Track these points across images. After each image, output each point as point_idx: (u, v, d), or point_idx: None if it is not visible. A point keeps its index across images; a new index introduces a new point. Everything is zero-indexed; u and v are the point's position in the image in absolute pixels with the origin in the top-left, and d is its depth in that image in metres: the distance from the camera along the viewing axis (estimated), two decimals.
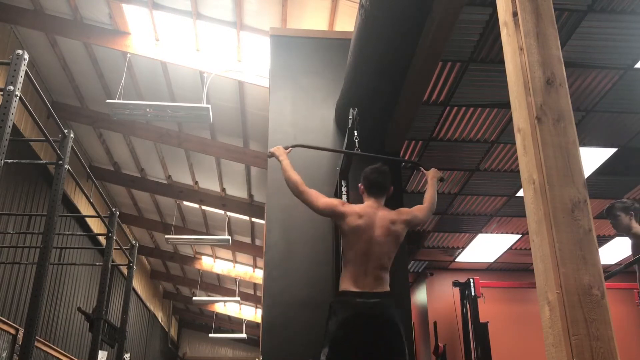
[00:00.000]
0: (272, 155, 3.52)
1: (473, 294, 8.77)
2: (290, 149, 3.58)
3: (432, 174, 3.56)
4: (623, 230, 4.42)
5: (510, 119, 5.79)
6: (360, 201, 3.27)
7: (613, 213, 4.38)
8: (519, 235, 9.23)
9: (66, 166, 4.06)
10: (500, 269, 10.77)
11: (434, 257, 10.36)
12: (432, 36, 4.13)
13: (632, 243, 4.42)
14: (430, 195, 3.38)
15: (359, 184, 3.29)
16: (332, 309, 3.00)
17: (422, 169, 3.76)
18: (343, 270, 3.10)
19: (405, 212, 3.18)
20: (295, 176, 3.22)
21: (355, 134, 3.81)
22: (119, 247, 6.22)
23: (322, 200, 3.17)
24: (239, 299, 14.49)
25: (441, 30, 4.08)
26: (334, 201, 3.22)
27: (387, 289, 3.00)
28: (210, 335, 17.85)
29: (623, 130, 6.27)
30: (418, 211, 3.24)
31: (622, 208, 4.34)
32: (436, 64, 4.70)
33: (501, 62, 3.33)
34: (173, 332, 20.15)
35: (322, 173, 5.11)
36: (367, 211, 3.09)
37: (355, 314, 2.90)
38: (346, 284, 2.99)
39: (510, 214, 8.44)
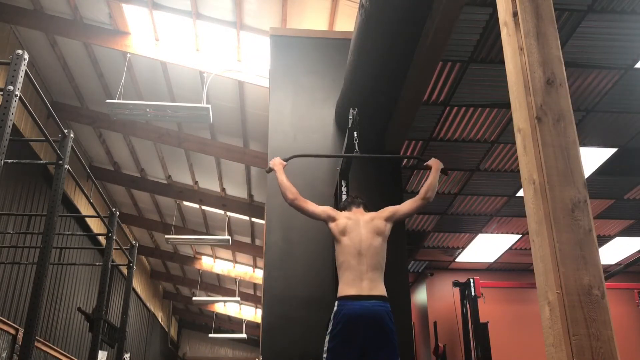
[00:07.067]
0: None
1: (473, 294, 8.77)
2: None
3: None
4: None
5: (510, 119, 5.79)
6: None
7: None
8: (519, 235, 9.23)
9: (66, 166, 4.06)
10: (500, 269, 10.77)
11: (434, 257, 10.36)
12: (432, 36, 4.13)
13: None
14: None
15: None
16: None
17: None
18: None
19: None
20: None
21: (355, 135, 3.80)
22: (119, 247, 6.22)
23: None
24: (239, 299, 14.49)
25: (441, 30, 4.08)
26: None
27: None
28: (210, 335, 17.85)
29: (623, 130, 6.27)
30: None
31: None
32: (436, 64, 4.70)
33: (501, 62, 3.33)
34: (173, 332, 20.15)
35: (322, 173, 5.11)
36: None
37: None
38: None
39: (510, 214, 8.44)
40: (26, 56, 3.33)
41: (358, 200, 3.48)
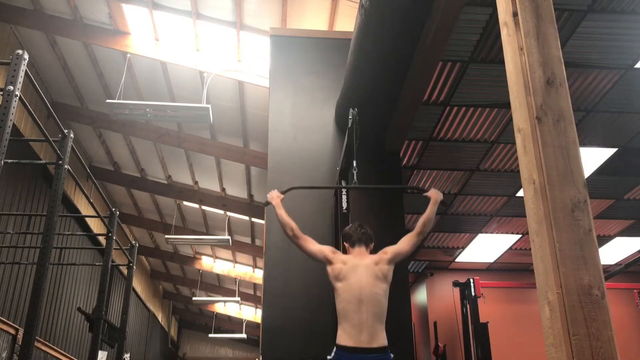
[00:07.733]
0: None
1: (473, 294, 8.77)
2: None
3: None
4: None
5: (510, 119, 5.79)
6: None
7: None
8: (519, 235, 9.23)
9: (66, 166, 4.06)
10: (500, 269, 10.77)
11: (434, 257, 10.36)
12: (432, 36, 4.13)
13: None
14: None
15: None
16: None
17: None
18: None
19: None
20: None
21: (354, 164, 3.72)
22: (118, 247, 6.22)
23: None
24: (239, 299, 14.49)
25: (441, 30, 4.08)
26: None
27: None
28: (210, 335, 17.85)
29: (623, 130, 6.27)
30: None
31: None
32: (436, 64, 4.70)
33: (501, 62, 3.33)
34: (173, 333, 20.15)
35: (322, 173, 5.11)
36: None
37: None
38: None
39: (510, 214, 8.44)
40: (26, 56, 3.33)
41: (361, 232, 3.31)
